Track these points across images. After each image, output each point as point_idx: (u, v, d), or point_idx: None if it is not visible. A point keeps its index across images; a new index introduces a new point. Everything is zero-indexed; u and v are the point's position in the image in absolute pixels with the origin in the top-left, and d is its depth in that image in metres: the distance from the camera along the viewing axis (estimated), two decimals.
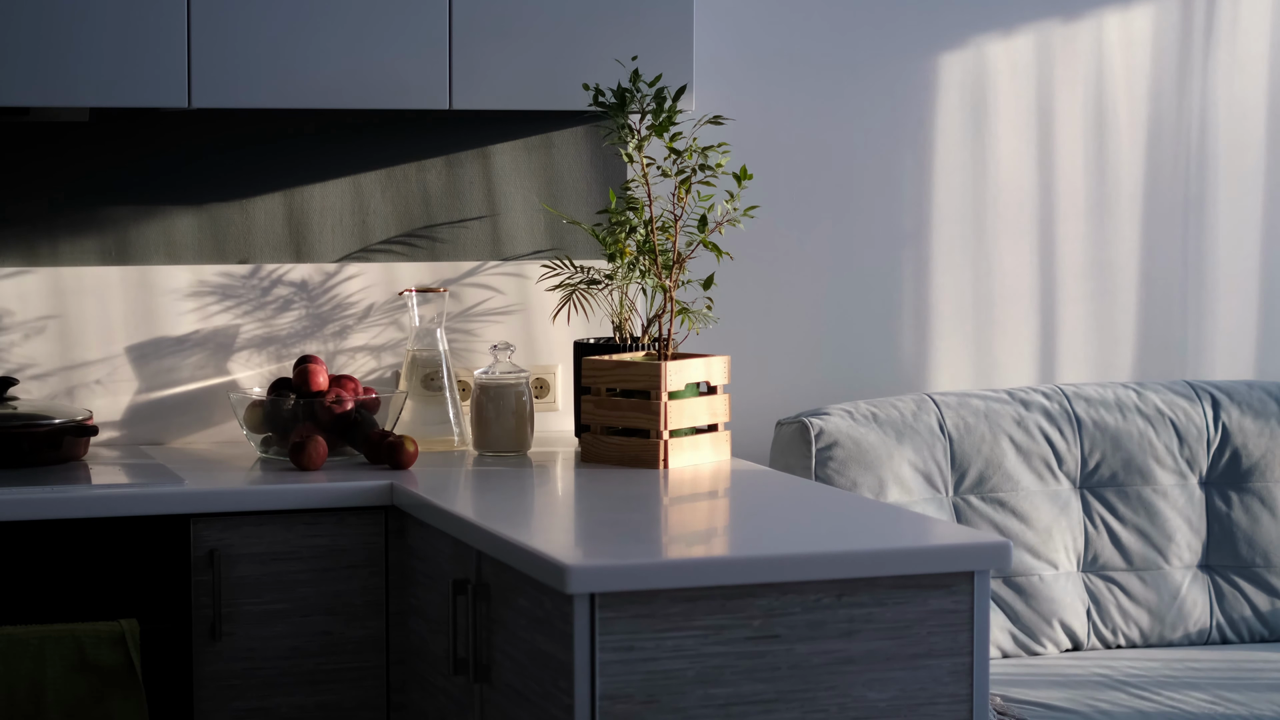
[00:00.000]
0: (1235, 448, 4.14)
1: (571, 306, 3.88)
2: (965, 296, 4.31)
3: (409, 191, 4.01)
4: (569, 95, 3.76)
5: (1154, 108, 4.39)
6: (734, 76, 4.15)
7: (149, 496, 3.37)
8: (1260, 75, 4.43)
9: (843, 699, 2.89)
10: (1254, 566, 4.10)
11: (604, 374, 3.68)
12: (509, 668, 3.02)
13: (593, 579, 2.76)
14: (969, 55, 4.26)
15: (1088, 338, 4.38)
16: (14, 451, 3.55)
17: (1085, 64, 4.34)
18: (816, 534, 3.03)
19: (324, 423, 3.67)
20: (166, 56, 3.58)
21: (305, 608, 3.46)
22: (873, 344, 4.27)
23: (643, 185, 3.74)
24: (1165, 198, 4.41)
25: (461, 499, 3.30)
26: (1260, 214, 4.46)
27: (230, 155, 3.93)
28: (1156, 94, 4.38)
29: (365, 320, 3.99)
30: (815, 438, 3.90)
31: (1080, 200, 4.36)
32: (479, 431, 3.80)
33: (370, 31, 3.66)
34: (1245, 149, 4.44)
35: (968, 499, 3.98)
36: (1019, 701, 3.58)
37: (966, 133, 4.28)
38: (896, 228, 4.27)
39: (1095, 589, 4.01)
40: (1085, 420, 4.08)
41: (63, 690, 3.30)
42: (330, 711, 3.48)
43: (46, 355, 3.85)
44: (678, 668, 2.82)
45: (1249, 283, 4.46)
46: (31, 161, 3.84)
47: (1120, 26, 4.34)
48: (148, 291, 3.89)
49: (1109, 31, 4.34)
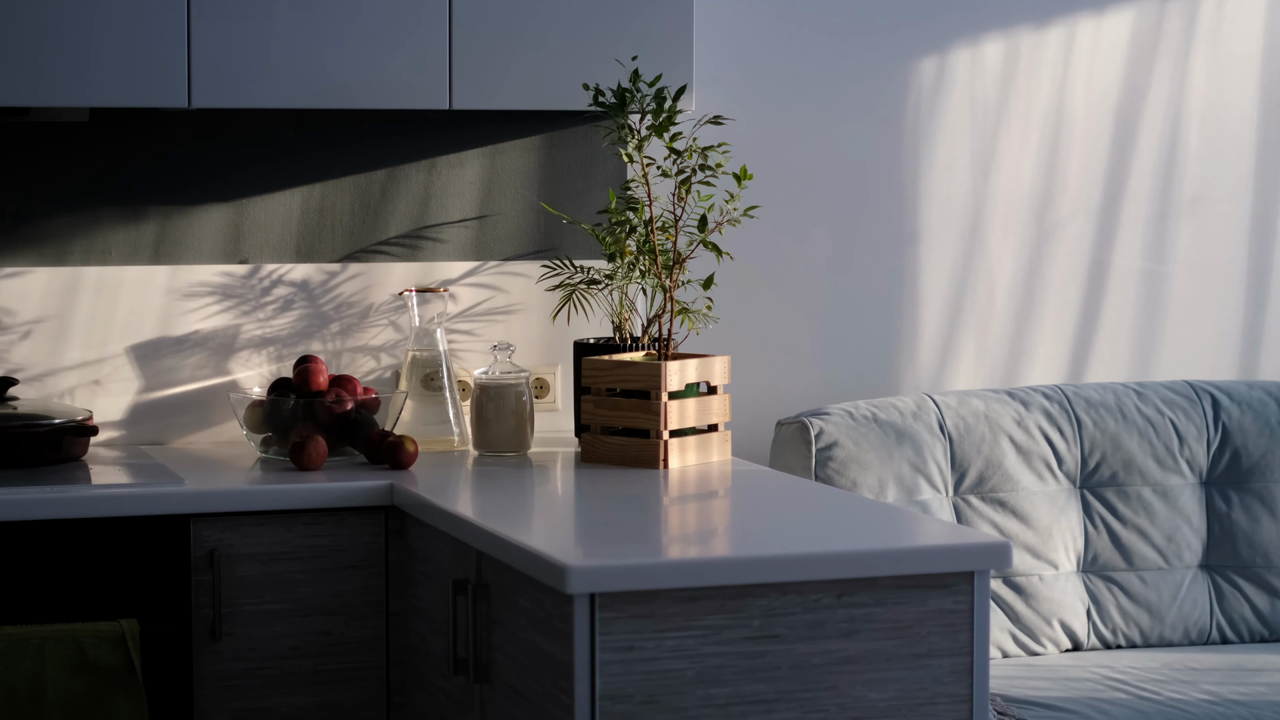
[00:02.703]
0: (1235, 448, 4.14)
1: (571, 306, 3.88)
2: (964, 297, 4.31)
3: (409, 191, 4.01)
4: (569, 95, 3.76)
5: (1152, 107, 4.39)
6: (734, 77, 4.15)
7: (149, 496, 3.37)
8: (1253, 74, 4.43)
9: (843, 699, 2.89)
10: (1254, 566, 4.10)
11: (604, 374, 3.68)
12: (509, 668, 3.02)
13: (593, 579, 2.76)
14: (965, 58, 4.26)
15: (1088, 338, 4.39)
16: (14, 451, 3.55)
17: (1082, 65, 4.34)
18: (816, 534, 3.03)
19: (324, 423, 3.67)
20: (166, 56, 3.58)
21: (305, 608, 3.46)
22: (873, 344, 4.27)
23: (643, 185, 3.74)
24: (1165, 197, 4.41)
25: (461, 499, 3.30)
26: (1260, 213, 4.46)
27: (230, 155, 3.93)
28: (1155, 94, 4.38)
29: (365, 320, 3.99)
30: (815, 438, 3.90)
31: (1079, 201, 4.36)
32: (479, 431, 3.80)
33: (371, 31, 3.66)
34: (1241, 148, 4.44)
35: (968, 499, 3.98)
36: (1019, 701, 3.58)
37: (964, 135, 4.28)
38: (896, 228, 4.27)
39: (1095, 589, 4.01)
40: (1085, 420, 4.08)
41: (63, 690, 3.30)
42: (330, 711, 3.48)
43: (47, 355, 3.85)
44: (678, 668, 2.82)
45: (1249, 282, 4.47)
46: (31, 162, 3.84)
47: (1114, 26, 4.34)
48: (148, 291, 3.89)
49: (1104, 32, 4.34)
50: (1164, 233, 4.42)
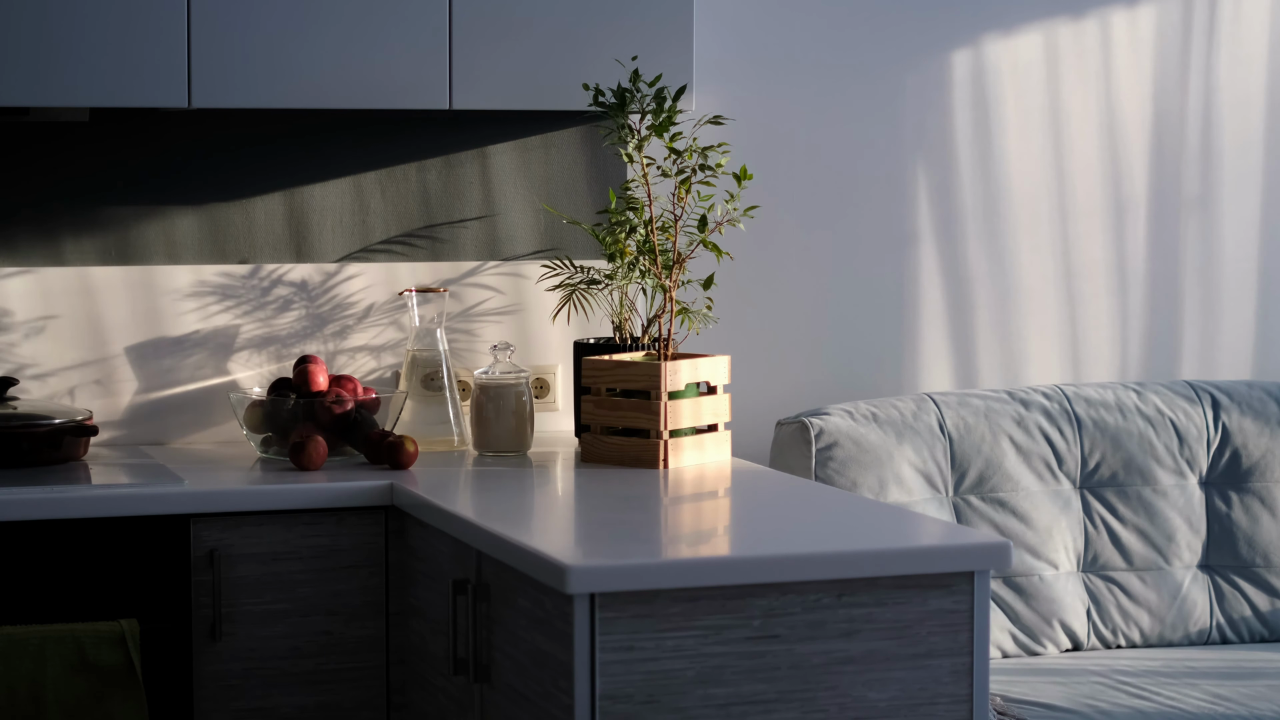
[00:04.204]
0: (1235, 448, 4.14)
1: (571, 306, 3.88)
2: (965, 297, 4.31)
3: (409, 191, 4.01)
4: (569, 95, 3.76)
5: (1156, 107, 4.39)
6: (734, 78, 4.15)
7: (149, 496, 3.37)
8: (1260, 73, 4.43)
9: (843, 699, 2.89)
10: (1254, 566, 4.10)
11: (604, 374, 3.68)
12: (509, 668, 3.02)
13: (593, 579, 2.76)
14: (973, 55, 4.26)
15: (1088, 338, 4.38)
16: (14, 451, 3.55)
17: (1089, 63, 4.34)
18: (816, 534, 3.03)
19: (324, 423, 3.67)
20: (166, 56, 3.58)
21: (305, 608, 3.46)
22: (873, 344, 4.27)
23: (643, 185, 3.74)
24: (1166, 197, 4.41)
25: (461, 499, 3.30)
26: (1261, 213, 4.46)
27: (230, 155, 3.93)
28: (1159, 93, 4.38)
29: (365, 320, 3.99)
30: (815, 438, 3.90)
31: (1081, 201, 4.36)
32: (479, 431, 3.80)
33: (370, 31, 3.66)
34: (1247, 147, 4.44)
35: (968, 499, 3.98)
36: (1019, 701, 3.58)
37: (969, 133, 4.28)
38: (897, 228, 4.27)
39: (1095, 589, 4.01)
40: (1085, 420, 4.08)
41: (63, 690, 3.30)
42: (330, 711, 3.48)
43: (46, 355, 3.85)
44: (678, 668, 2.82)
45: (1249, 282, 4.47)
46: (31, 161, 3.84)
47: (1124, 25, 4.34)
48: (148, 291, 3.89)
49: (1113, 30, 4.34)
50: (1165, 232, 4.42)
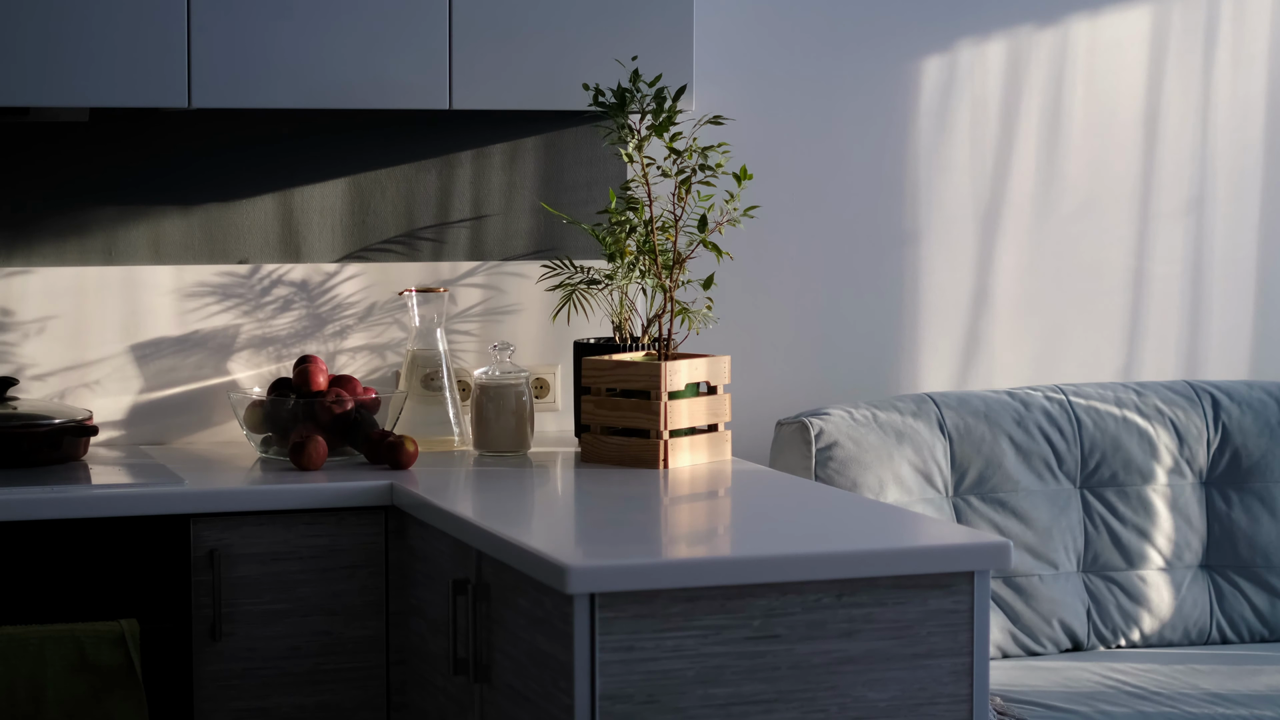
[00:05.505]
0: (1235, 448, 4.14)
1: (571, 306, 3.88)
2: (965, 296, 4.31)
3: (409, 191, 4.01)
4: (569, 95, 3.76)
5: (1153, 107, 4.39)
6: (732, 77, 4.15)
7: (149, 496, 3.37)
8: (1259, 74, 4.43)
9: (843, 699, 2.89)
10: (1254, 566, 4.10)
11: (604, 374, 3.68)
12: (509, 668, 3.02)
13: (593, 579, 2.76)
14: (966, 57, 4.26)
15: (1088, 338, 4.38)
16: (14, 451, 3.55)
17: (1082, 63, 4.34)
18: (816, 534, 3.03)
19: (324, 423, 3.67)
20: (166, 56, 3.58)
21: (305, 608, 3.46)
22: (872, 344, 4.27)
23: (643, 185, 3.74)
24: (1165, 197, 4.41)
25: (461, 499, 3.30)
26: (1261, 213, 4.46)
27: (230, 155, 3.93)
28: (1155, 93, 4.38)
29: (365, 320, 3.99)
30: (815, 438, 3.90)
31: (1079, 200, 4.36)
32: (479, 431, 3.80)
33: (370, 32, 3.66)
34: (1244, 148, 4.44)
35: (968, 499, 3.98)
36: (1019, 701, 3.58)
37: (965, 133, 4.28)
38: (895, 228, 4.27)
39: (1095, 589, 4.01)
40: (1085, 420, 4.08)
41: (63, 690, 3.30)
42: (330, 711, 3.48)
43: (46, 355, 3.85)
44: (678, 668, 2.82)
45: (1249, 282, 4.47)
46: (31, 161, 3.84)
47: (1118, 25, 4.34)
48: (148, 291, 3.89)
49: (1107, 30, 4.34)
50: (1165, 232, 4.42)
